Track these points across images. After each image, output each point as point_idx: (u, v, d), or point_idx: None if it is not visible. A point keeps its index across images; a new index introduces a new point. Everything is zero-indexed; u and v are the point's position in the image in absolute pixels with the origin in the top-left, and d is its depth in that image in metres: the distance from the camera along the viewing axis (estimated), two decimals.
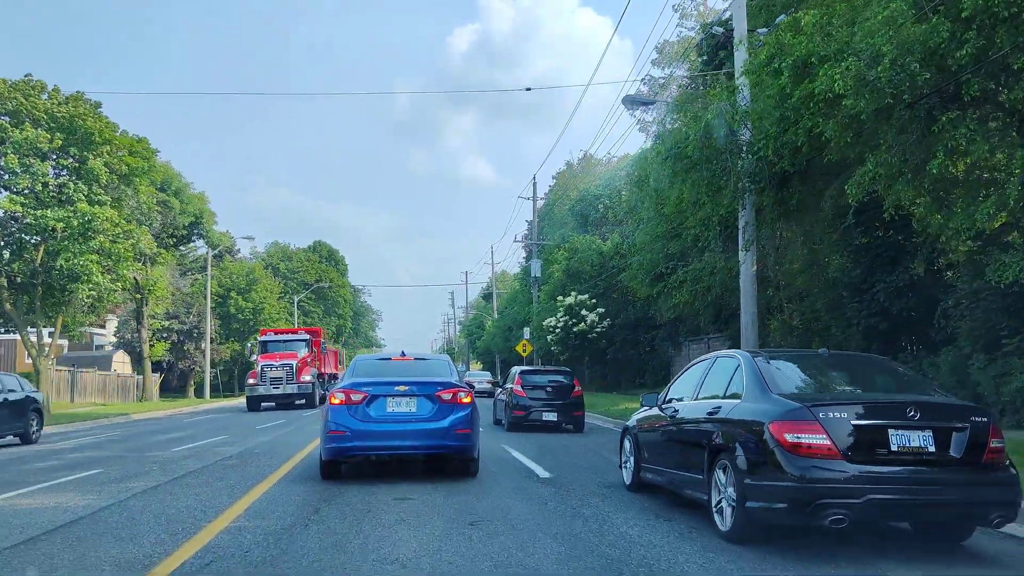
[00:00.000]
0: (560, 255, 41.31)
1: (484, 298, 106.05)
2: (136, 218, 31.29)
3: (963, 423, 5.60)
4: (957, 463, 5.54)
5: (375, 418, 9.16)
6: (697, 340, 31.14)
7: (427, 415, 9.24)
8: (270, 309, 76.64)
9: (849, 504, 5.31)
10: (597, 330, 33.07)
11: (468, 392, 9.68)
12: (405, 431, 9.19)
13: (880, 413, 5.65)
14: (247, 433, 18.56)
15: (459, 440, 9.33)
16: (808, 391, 6.38)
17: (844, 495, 5.34)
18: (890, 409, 5.73)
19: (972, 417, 5.67)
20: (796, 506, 5.43)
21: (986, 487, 5.58)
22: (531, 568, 5.44)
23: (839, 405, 5.67)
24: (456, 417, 9.27)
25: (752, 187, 15.36)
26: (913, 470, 5.48)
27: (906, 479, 5.43)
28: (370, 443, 9.18)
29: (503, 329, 64.41)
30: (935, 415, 5.65)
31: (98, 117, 27.61)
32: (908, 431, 5.52)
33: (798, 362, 7.09)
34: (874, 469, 5.42)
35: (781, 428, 5.62)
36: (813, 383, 6.58)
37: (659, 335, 33.71)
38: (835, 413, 5.56)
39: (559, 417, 18.04)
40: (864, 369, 7.18)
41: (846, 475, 5.38)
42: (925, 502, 5.43)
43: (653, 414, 8.46)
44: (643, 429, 8.70)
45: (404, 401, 9.27)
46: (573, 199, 50.89)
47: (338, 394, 9.35)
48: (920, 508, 5.52)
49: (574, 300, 33.48)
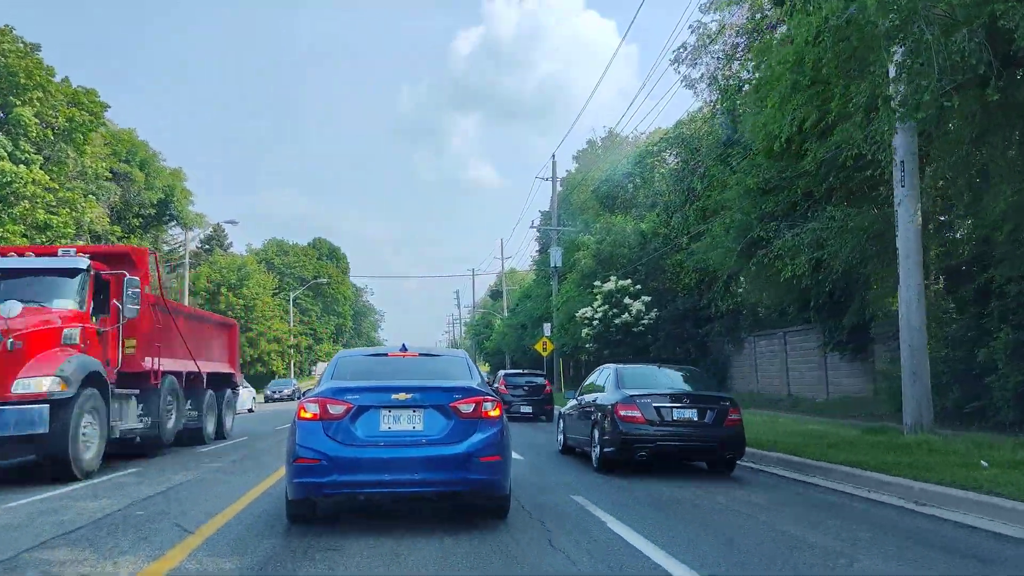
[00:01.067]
0: (588, 240, 35.75)
1: (492, 297, 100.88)
2: (82, 188, 25.71)
3: (715, 405, 10.37)
4: (709, 426, 10.17)
5: (364, 440, 6.42)
6: (767, 335, 25.53)
7: (439, 435, 6.53)
8: (263, 306, 71.21)
9: (647, 447, 10.09)
10: (644, 322, 27.40)
11: (496, 402, 6.81)
12: (407, 460, 6.40)
13: (667, 399, 10.30)
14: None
15: (485, 472, 6.53)
16: (637, 388, 10.64)
17: (645, 442, 10.07)
18: (669, 396, 10.38)
19: (721, 402, 10.52)
20: (623, 449, 10.11)
21: (725, 438, 10.19)
22: None
23: (647, 395, 10.33)
24: (481, 439, 6.54)
25: (934, 88, 9.76)
26: (683, 430, 10.13)
27: (679, 435, 10.12)
28: (356, 477, 6.38)
29: (515, 327, 59.11)
30: (699, 400, 10.42)
31: (30, 57, 22.11)
32: (683, 409, 10.23)
33: (641, 370, 12.09)
34: (662, 429, 10.09)
35: (617, 408, 10.27)
36: (644, 383, 10.95)
37: (713, 329, 28.11)
38: (644, 400, 10.22)
39: (534, 410, 22.95)
40: (676, 373, 12.22)
41: (647, 433, 10.07)
42: (689, 447, 10.28)
43: (573, 403, 12.81)
44: (567, 413, 13.18)
45: (406, 415, 6.56)
46: (598, 179, 45.30)
47: (310, 405, 6.53)
48: (686, 451, 10.39)
49: (615, 286, 27.68)
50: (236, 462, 12.54)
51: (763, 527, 6.72)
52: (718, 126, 26.31)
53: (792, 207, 15.64)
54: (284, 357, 75.09)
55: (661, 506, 7.82)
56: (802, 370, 23.16)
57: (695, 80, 30.83)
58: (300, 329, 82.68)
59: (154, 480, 10.12)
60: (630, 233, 31.73)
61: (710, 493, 8.68)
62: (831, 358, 21.43)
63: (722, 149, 24.55)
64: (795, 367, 23.56)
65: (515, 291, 79.52)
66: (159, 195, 34.05)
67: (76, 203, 24.23)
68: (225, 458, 13.13)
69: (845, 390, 20.68)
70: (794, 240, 14.60)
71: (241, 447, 15.41)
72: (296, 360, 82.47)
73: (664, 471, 10.47)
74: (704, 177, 26.96)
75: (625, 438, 9.95)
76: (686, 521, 6.98)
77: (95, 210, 25.59)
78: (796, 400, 22.57)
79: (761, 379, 25.81)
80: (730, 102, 27.61)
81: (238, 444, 16.22)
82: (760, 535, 6.38)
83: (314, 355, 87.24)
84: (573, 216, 49.45)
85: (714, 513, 7.40)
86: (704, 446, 10.14)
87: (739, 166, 17.14)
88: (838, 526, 6.81)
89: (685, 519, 7.08)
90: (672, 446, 10.04)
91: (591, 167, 49.62)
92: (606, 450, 10.32)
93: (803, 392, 22.92)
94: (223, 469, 11.51)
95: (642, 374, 11.58)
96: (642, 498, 8.31)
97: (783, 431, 13.84)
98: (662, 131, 42.81)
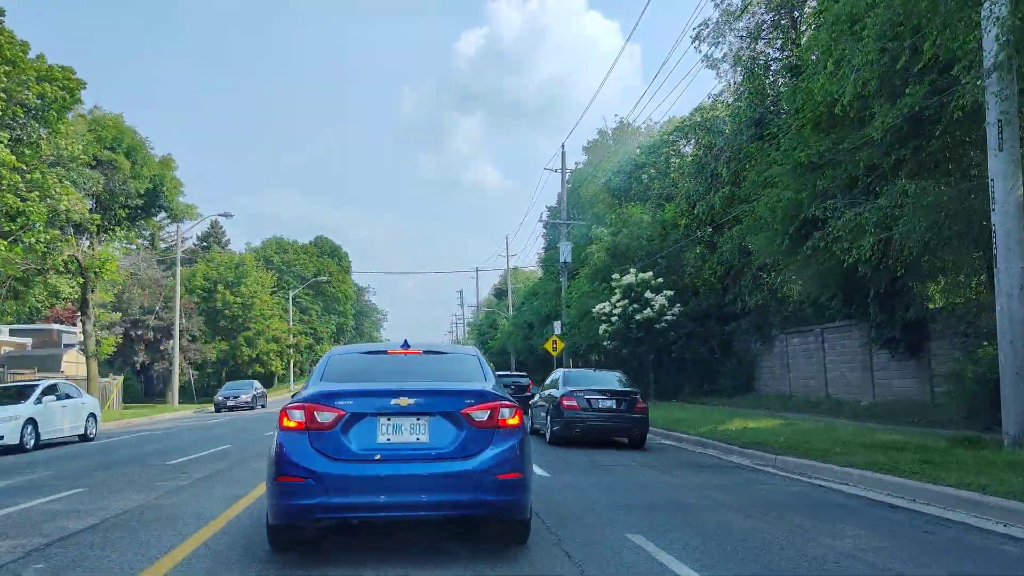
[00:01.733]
0: (603, 232, 33.74)
1: (496, 296, 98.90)
2: (61, 174, 23.82)
3: (628, 397, 14.69)
4: (624, 412, 14.45)
5: (358, 454, 5.36)
6: (801, 331, 23.50)
7: (447, 448, 5.45)
8: (261, 304, 69.21)
9: (581, 426, 14.40)
10: (667, 318, 25.26)
11: (515, 408, 5.70)
12: (409, 478, 5.32)
13: (596, 392, 14.66)
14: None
15: (502, 492, 5.42)
16: (577, 385, 15.11)
17: (580, 422, 14.40)
18: (596, 391, 14.74)
19: (632, 395, 14.78)
20: (566, 428, 14.41)
21: (635, 422, 14.50)
22: None
23: (582, 390, 14.68)
24: (497, 452, 5.45)
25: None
26: (606, 414, 14.44)
27: (603, 417, 14.44)
28: (349, 499, 5.28)
29: (521, 326, 57.26)
30: (617, 394, 14.76)
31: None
32: (607, 399, 14.53)
33: (583, 373, 18.12)
34: (592, 414, 14.41)
35: (562, 399, 14.61)
36: (582, 382, 15.54)
37: (740, 327, 26.07)
38: (579, 393, 14.59)
39: None
40: (608, 375, 16.67)
41: (581, 416, 14.40)
42: (610, 427, 14.52)
43: (537, 397, 17.43)
44: (533, 403, 17.64)
45: (408, 424, 5.50)
46: (609, 171, 43.26)
47: (294, 412, 5.45)
48: (608, 429, 14.55)
49: (635, 279, 25.55)
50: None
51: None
52: (745, 106, 24.31)
53: (851, 182, 13.61)
54: (283, 357, 73.10)
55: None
56: (843, 370, 21.13)
57: (717, 60, 28.86)
58: (300, 328, 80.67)
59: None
60: (648, 224, 29.65)
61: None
62: (878, 357, 19.41)
63: (753, 129, 22.54)
64: (835, 367, 21.53)
65: (520, 289, 77.54)
66: (147, 184, 32.00)
67: (50, 188, 22.29)
68: None
69: (896, 393, 18.64)
70: (857, 219, 12.56)
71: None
72: (296, 360, 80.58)
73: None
74: (731, 161, 24.96)
75: (567, 420, 14.47)
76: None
77: (71, 196, 23.60)
78: (837, 403, 20.55)
79: (794, 380, 23.79)
80: (758, 81, 25.69)
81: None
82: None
83: (314, 355, 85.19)
84: (583, 210, 47.49)
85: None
86: (619, 426, 14.63)
87: (783, 140, 15.08)
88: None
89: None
90: (598, 426, 14.56)
91: (601, 159, 47.59)
92: (554, 429, 14.91)
93: (844, 394, 20.89)
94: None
95: (583, 376, 17.20)
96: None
97: (851, 441, 11.81)
98: (677, 120, 40.85)
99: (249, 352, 67.93)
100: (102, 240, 32.31)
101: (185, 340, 56.09)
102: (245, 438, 18.32)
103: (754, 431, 14.64)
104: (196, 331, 59.99)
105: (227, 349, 66.71)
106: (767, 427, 15.35)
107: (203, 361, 61.94)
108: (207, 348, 62.32)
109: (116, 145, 30.75)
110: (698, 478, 10.33)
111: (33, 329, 54.44)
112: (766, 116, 22.23)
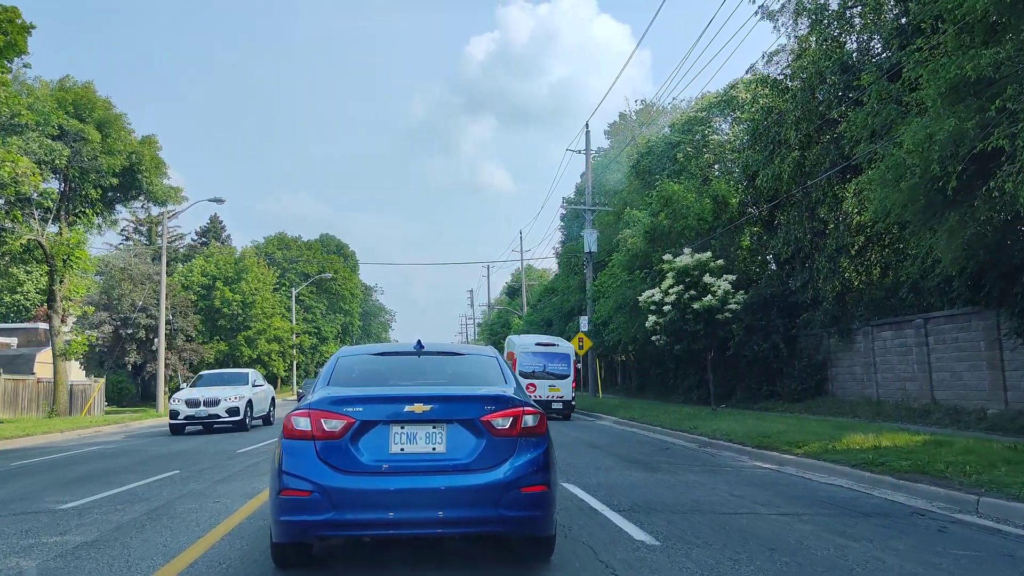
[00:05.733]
0: (640, 214, 29.82)
1: (508, 295, 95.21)
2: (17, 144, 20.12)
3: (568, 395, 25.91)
4: (564, 401, 25.55)
5: (369, 466, 4.95)
6: (894, 323, 19.47)
7: (467, 459, 5.02)
8: (262, 303, 65.51)
9: (545, 407, 18.93)
10: (731, 307, 21.17)
11: (540, 415, 5.29)
12: (425, 492, 4.90)
13: (545, 378, 26.15)
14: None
15: (527, 507, 5.00)
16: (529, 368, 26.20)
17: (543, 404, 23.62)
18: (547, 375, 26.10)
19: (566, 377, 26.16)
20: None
21: (568, 400, 25.64)
22: None
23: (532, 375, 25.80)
24: (521, 463, 5.05)
25: None
26: (552, 400, 25.27)
27: (549, 399, 25.47)
28: (359, 515, 4.86)
29: (538, 324, 53.41)
30: (558, 377, 26.14)
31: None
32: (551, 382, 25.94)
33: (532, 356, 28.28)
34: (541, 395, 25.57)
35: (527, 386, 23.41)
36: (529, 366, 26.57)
37: (814, 318, 22.05)
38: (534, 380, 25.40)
39: None
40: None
41: (537, 399, 23.02)
42: (556, 408, 24.78)
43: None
44: None
45: (424, 433, 5.09)
46: (637, 153, 39.38)
47: (299, 419, 5.05)
48: (551, 411, 24.37)
49: (692, 260, 21.44)
50: None
51: None
52: (821, 54, 20.34)
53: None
54: (285, 358, 69.34)
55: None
56: (957, 369, 17.12)
57: (776, 12, 24.91)
58: (303, 328, 76.93)
59: None
60: (695, 202, 25.65)
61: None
62: (1011, 354, 15.44)
63: (838, 76, 18.58)
64: (945, 366, 17.51)
65: (535, 287, 73.80)
66: (122, 161, 28.21)
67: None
68: None
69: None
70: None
71: None
72: (300, 361, 76.86)
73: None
74: (800, 123, 21.00)
75: (538, 402, 17.79)
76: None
77: (20, 163, 19.81)
78: (951, 411, 16.55)
79: (883, 382, 19.76)
80: (828, 30, 21.78)
81: None
82: None
83: (319, 356, 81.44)
84: (607, 198, 43.67)
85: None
86: (558, 409, 24.45)
87: (930, 55, 11.12)
88: None
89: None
90: (552, 408, 24.10)
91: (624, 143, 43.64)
92: None
93: (958, 400, 16.90)
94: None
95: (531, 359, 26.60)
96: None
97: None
98: (711, 95, 36.99)
99: (249, 352, 64.32)
100: (72, 224, 28.53)
101: (181, 340, 52.46)
102: (204, 461, 13.53)
103: (897, 452, 10.68)
104: (192, 331, 56.37)
105: (226, 350, 63.11)
106: (905, 445, 11.37)
107: (200, 362, 58.32)
108: (205, 348, 58.66)
109: (85, 115, 27.01)
110: (876, 541, 6.39)
111: (20, 328, 51.07)
112: (854, 59, 18.24)
